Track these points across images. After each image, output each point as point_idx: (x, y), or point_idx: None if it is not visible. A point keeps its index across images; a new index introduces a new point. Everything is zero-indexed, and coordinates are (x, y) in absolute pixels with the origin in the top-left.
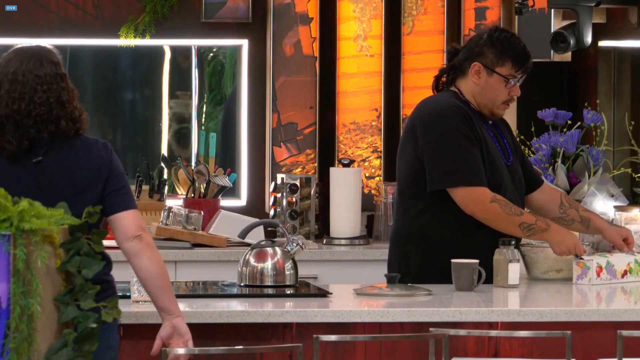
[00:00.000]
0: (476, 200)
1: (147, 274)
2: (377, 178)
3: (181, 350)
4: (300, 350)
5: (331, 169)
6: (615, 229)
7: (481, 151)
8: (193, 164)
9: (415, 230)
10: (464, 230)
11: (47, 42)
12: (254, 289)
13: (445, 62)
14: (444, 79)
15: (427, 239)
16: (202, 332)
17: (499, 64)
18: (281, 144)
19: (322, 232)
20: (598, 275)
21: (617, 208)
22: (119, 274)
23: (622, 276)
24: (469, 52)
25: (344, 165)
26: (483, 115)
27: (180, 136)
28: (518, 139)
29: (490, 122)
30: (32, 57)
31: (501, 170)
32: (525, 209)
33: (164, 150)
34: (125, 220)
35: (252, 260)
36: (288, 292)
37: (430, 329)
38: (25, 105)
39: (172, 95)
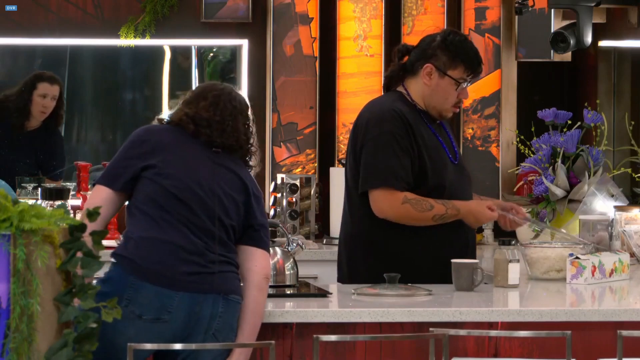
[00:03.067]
0: (389, 203)
1: (259, 308)
2: None
3: None
4: (272, 347)
5: (331, 169)
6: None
7: (420, 156)
8: None
9: (360, 233)
10: (406, 233)
11: (47, 42)
12: None
13: (395, 61)
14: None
15: (371, 242)
16: None
17: (451, 67)
18: (281, 144)
19: (322, 232)
20: (593, 274)
21: (617, 208)
22: None
23: (610, 275)
24: (422, 53)
25: (344, 165)
26: (430, 115)
27: None
28: (518, 139)
29: (438, 121)
30: (231, 92)
31: (446, 170)
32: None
33: None
34: (263, 258)
35: None
36: (288, 292)
37: (430, 329)
38: (227, 125)
39: (172, 95)
